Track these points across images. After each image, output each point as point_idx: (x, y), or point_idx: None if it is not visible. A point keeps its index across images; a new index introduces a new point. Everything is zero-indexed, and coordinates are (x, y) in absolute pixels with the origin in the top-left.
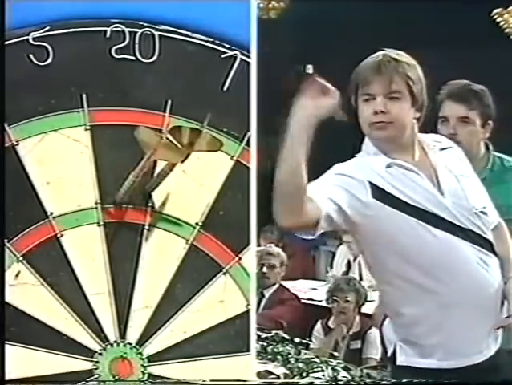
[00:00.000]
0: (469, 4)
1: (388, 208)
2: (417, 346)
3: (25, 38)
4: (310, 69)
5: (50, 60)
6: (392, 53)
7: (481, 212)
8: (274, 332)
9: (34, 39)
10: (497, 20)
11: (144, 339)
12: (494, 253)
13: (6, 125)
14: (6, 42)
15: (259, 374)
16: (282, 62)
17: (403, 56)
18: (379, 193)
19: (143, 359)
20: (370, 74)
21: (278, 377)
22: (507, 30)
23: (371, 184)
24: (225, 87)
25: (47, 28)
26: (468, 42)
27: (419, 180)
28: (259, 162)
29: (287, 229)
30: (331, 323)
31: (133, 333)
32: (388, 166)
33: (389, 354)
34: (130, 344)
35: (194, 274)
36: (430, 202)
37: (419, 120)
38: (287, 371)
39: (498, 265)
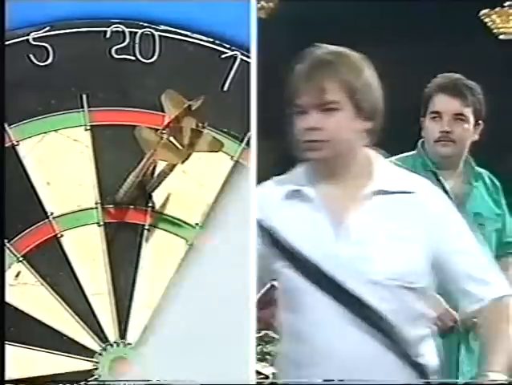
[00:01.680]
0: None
1: None
2: None
3: (25, 38)
4: None
5: (50, 60)
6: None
7: None
8: (263, 332)
9: (34, 39)
10: (485, 20)
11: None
12: None
13: (6, 125)
14: (6, 43)
15: None
16: (274, 62)
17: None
18: None
19: None
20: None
21: (267, 377)
22: (495, 31)
23: None
24: (225, 87)
25: (47, 28)
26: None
27: None
28: (259, 162)
29: None
30: None
31: (133, 333)
32: None
33: None
34: (130, 344)
35: None
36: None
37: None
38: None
39: None
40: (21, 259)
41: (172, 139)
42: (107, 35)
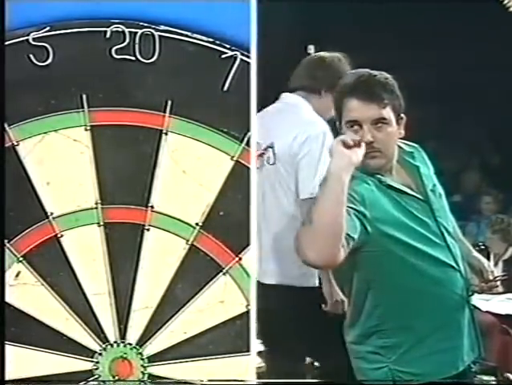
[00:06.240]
0: None
1: None
2: None
3: (25, 38)
4: (311, 49)
5: (50, 60)
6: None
7: None
8: None
9: (34, 39)
10: None
11: (144, 340)
12: None
13: (6, 125)
14: (6, 43)
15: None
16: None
17: None
18: None
19: (143, 360)
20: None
21: None
22: (509, 3)
23: None
24: (225, 87)
25: (47, 28)
26: None
27: None
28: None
29: None
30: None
31: (133, 333)
32: None
33: None
34: (130, 344)
35: (194, 275)
36: None
37: None
38: None
39: None
40: (21, 259)
41: None
42: (107, 35)
